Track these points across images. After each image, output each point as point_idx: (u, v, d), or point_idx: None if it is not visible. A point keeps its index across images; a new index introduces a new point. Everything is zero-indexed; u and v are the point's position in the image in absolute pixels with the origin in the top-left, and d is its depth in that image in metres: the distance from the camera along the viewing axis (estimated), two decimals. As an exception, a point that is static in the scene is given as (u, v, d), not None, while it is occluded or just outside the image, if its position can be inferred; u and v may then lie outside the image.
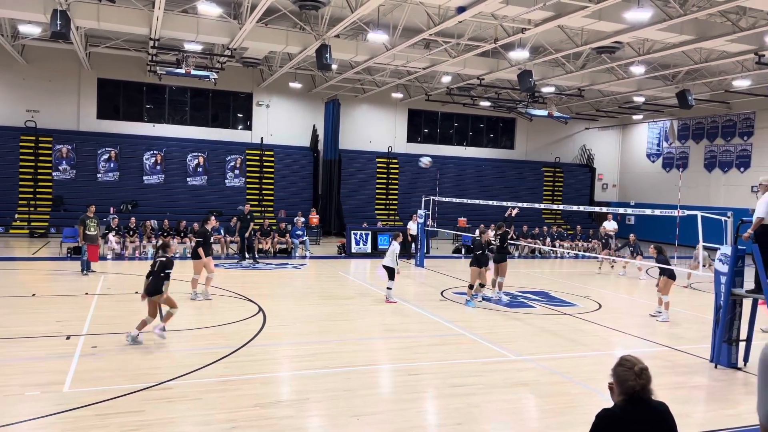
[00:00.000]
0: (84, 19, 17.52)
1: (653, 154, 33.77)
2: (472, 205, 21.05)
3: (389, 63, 21.81)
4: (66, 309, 11.28)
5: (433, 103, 30.19)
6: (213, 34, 18.87)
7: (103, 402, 6.47)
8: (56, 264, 16.87)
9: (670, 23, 15.17)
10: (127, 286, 13.95)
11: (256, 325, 10.27)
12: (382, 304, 12.92)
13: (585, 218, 31.96)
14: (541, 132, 34.52)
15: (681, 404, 7.07)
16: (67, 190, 24.75)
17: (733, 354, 8.85)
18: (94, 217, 15.44)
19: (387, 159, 30.38)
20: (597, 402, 6.57)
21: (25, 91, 25.23)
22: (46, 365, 7.77)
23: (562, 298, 14.32)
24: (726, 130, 29.52)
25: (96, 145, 25.49)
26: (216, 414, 6.33)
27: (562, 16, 15.21)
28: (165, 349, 8.89)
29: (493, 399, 7.19)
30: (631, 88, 25.46)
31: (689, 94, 22.96)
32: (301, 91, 28.72)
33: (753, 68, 20.24)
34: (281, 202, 27.46)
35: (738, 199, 27.62)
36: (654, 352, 9.68)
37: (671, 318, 12.28)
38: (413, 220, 21.02)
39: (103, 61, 25.45)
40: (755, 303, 9.05)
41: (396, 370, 8.42)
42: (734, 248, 8.79)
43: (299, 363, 8.49)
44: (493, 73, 22.55)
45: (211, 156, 27.20)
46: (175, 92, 27.82)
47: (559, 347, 9.82)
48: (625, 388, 3.20)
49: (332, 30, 17.36)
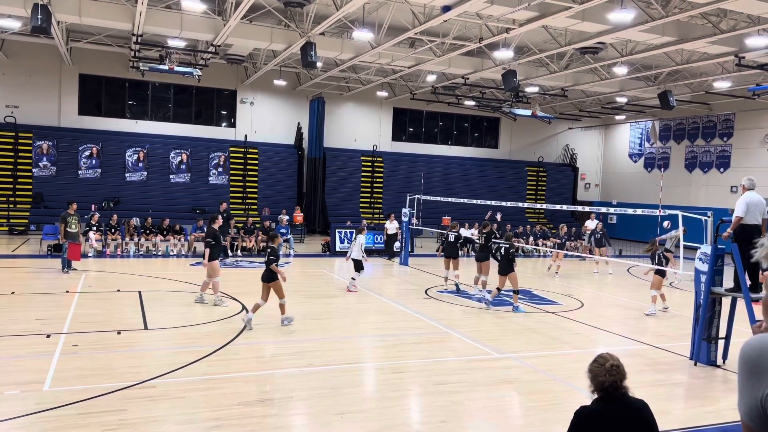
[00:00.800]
0: (65, 14, 17.28)
1: (635, 154, 34.13)
2: (456, 204, 21.15)
3: (374, 61, 21.81)
4: (46, 307, 11.14)
5: (418, 102, 30.24)
6: (197, 31, 18.72)
7: (84, 401, 6.41)
8: (36, 261, 16.65)
9: (652, 24, 15.34)
10: (108, 284, 13.82)
11: (239, 324, 10.22)
12: (367, 302, 12.92)
13: (568, 217, 32.23)
14: (524, 131, 34.73)
15: (661, 401, 7.16)
16: (48, 187, 24.42)
17: (713, 352, 8.99)
18: (75, 214, 15.27)
19: (372, 157, 30.38)
20: (579, 400, 6.64)
21: (5, 87, 24.83)
22: (26, 364, 7.67)
23: (545, 297, 14.43)
24: (706, 131, 29.92)
25: (77, 142, 25.17)
26: (199, 413, 6.29)
27: (546, 16, 15.32)
28: (147, 347, 8.82)
29: (476, 397, 7.23)
30: (614, 89, 25.71)
31: (671, 95, 23.24)
32: (286, 89, 28.61)
33: (733, 70, 20.54)
34: (265, 200, 27.32)
35: (718, 199, 28.01)
36: (635, 349, 9.79)
37: (654, 315, 12.45)
38: (390, 220, 21.21)
39: (84, 56, 25.13)
40: (734, 301, 9.19)
41: (380, 368, 8.43)
42: (714, 247, 8.92)
43: (283, 361, 8.47)
44: (478, 72, 22.64)
45: (194, 153, 26.99)
46: (158, 89, 27.55)
47: (542, 345, 9.89)
48: (597, 384, 3.27)
49: (317, 27, 17.31)
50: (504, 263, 12.54)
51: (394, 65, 22.66)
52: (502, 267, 12.64)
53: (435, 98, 28.84)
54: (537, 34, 18.53)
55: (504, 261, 12.56)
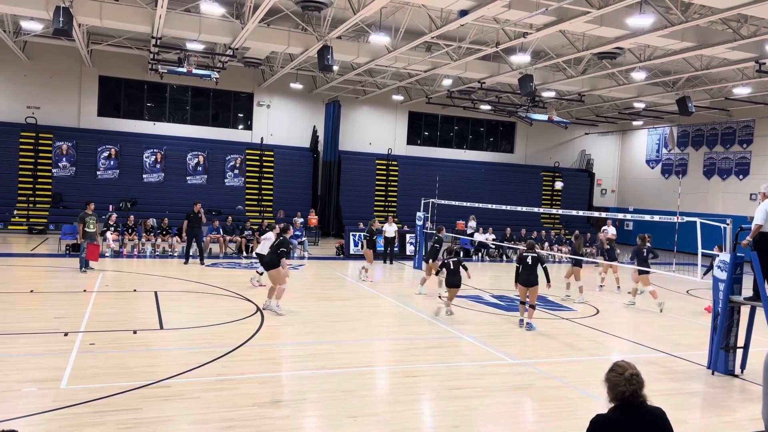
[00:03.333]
0: (86, 17, 17.52)
1: (652, 160, 33.82)
2: (471, 208, 21.07)
3: (390, 65, 21.84)
4: (64, 306, 11.27)
5: (433, 106, 30.23)
6: (215, 34, 18.89)
7: (101, 399, 6.47)
8: (55, 261, 16.86)
9: (671, 30, 15.21)
10: (125, 283, 13.95)
11: (254, 325, 10.27)
12: (380, 305, 12.92)
13: (583, 223, 32.00)
14: (540, 136, 34.56)
15: (677, 410, 7.08)
16: (67, 187, 24.74)
17: (731, 361, 8.87)
18: (93, 214, 15.44)
19: (387, 161, 30.40)
20: (593, 407, 6.57)
21: (26, 88, 25.23)
22: (44, 361, 7.76)
23: (559, 303, 14.33)
24: (725, 138, 29.57)
25: (96, 143, 25.48)
26: (213, 413, 6.33)
27: (564, 21, 15.25)
28: (163, 347, 8.89)
29: (490, 402, 7.20)
30: (632, 94, 25.50)
31: (689, 101, 23.01)
32: (302, 92, 28.74)
33: (753, 76, 20.30)
34: (280, 203, 27.46)
35: (737, 206, 27.65)
36: (651, 357, 9.69)
37: (667, 323, 12.31)
38: (389, 223, 20.90)
39: (104, 58, 25.45)
40: (753, 310, 9.06)
41: (393, 372, 8.42)
42: (733, 255, 8.81)
43: (297, 363, 8.49)
44: (494, 76, 22.59)
45: (211, 155, 27.20)
46: (176, 91, 27.82)
47: (556, 351, 9.82)
48: (616, 393, 3.23)
49: (334, 31, 17.38)
50: (528, 273, 11.09)
51: (410, 69, 22.68)
52: (524, 277, 11.15)
53: (451, 102, 28.82)
54: (554, 38, 18.46)
55: (528, 270, 11.10)
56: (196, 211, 17.55)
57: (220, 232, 20.24)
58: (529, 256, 11.11)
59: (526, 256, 11.15)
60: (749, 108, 26.79)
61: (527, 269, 11.09)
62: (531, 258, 11.07)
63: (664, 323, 12.73)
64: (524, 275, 11.11)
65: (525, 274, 11.10)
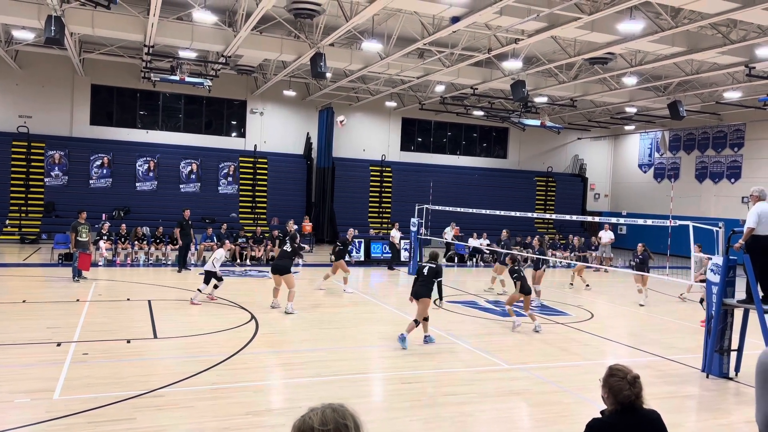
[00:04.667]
0: (78, 26, 17.49)
1: (645, 165, 33.98)
2: (465, 213, 21.11)
3: (383, 72, 21.89)
4: (57, 315, 11.20)
5: (426, 112, 30.29)
6: (208, 42, 18.89)
7: (94, 409, 6.42)
8: (47, 270, 16.76)
9: (661, 35, 15.32)
10: (118, 292, 13.88)
11: (248, 333, 10.23)
12: (375, 312, 12.90)
13: (577, 227, 32.10)
14: (533, 141, 34.68)
15: (672, 413, 7.09)
16: (59, 196, 24.61)
17: (725, 364, 8.90)
18: (86, 223, 15.37)
19: (380, 167, 30.43)
20: (589, 411, 6.58)
21: (18, 97, 25.12)
22: (36, 372, 7.71)
23: (554, 307, 14.35)
24: (717, 142, 29.76)
25: (89, 152, 25.38)
26: (207, 422, 6.29)
27: (555, 27, 15.34)
28: (156, 356, 8.84)
29: (486, 408, 7.19)
30: (623, 99, 25.65)
31: (680, 105, 23.15)
32: (295, 99, 28.76)
33: (743, 80, 20.45)
34: (274, 210, 27.41)
35: (729, 209, 27.81)
36: (645, 361, 9.70)
37: (662, 326, 12.34)
38: (396, 228, 21.30)
39: (97, 67, 25.39)
40: (746, 313, 9.10)
41: (389, 379, 8.40)
42: (725, 258, 8.85)
43: (291, 371, 8.46)
44: (487, 82, 22.68)
45: (204, 163, 27.14)
46: (169, 99, 27.77)
47: (551, 356, 9.83)
48: (620, 398, 3.19)
49: (327, 38, 17.42)
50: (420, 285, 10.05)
51: (403, 76, 22.73)
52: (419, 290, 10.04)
53: (444, 108, 28.88)
54: (546, 44, 18.55)
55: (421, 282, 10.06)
56: (186, 218, 17.79)
57: (214, 240, 20.17)
58: (426, 266, 10.06)
59: (423, 266, 10.13)
60: (740, 112, 26.98)
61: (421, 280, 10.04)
62: (427, 269, 10.01)
63: (659, 327, 12.77)
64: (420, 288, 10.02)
65: (420, 287, 10.01)
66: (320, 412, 1.94)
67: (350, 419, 1.94)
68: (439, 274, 9.93)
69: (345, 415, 1.94)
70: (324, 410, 1.94)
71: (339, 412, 1.94)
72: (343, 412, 1.95)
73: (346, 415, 1.94)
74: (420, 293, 9.92)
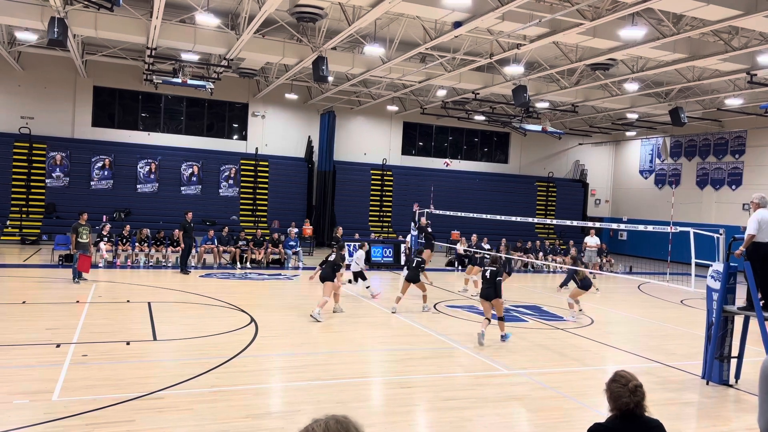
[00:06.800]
0: (81, 27, 17.53)
1: (646, 171, 33.99)
2: (465, 218, 21.11)
3: (385, 76, 21.92)
4: (56, 317, 11.19)
5: (428, 117, 30.31)
6: (210, 45, 18.92)
7: (93, 411, 6.41)
8: (47, 271, 16.76)
9: (663, 41, 15.34)
10: (118, 294, 13.87)
11: (248, 336, 10.22)
12: (375, 316, 12.89)
13: (577, 233, 32.06)
14: (534, 147, 34.70)
15: (672, 420, 7.07)
16: (60, 198, 24.63)
17: (725, 371, 8.88)
18: (87, 224, 15.38)
19: (381, 171, 30.43)
20: (589, 417, 6.56)
21: (20, 98, 25.16)
22: (36, 373, 7.70)
23: (554, 313, 14.34)
24: (718, 148, 29.77)
25: (90, 153, 25.41)
26: (207, 425, 6.28)
27: (557, 32, 15.36)
28: (156, 358, 8.83)
29: (485, 413, 7.18)
30: (625, 105, 25.67)
31: (682, 112, 23.17)
32: (297, 103, 28.79)
33: (745, 87, 20.47)
34: (275, 213, 27.41)
35: (730, 216, 27.79)
36: (645, 367, 9.69)
37: (662, 333, 12.32)
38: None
39: (99, 69, 25.44)
40: (747, 320, 9.09)
41: (388, 383, 8.39)
42: (726, 265, 8.84)
43: (291, 374, 8.45)
44: (488, 87, 22.70)
45: (205, 165, 27.16)
46: (171, 101, 27.82)
47: (551, 362, 9.81)
48: (619, 404, 3.19)
49: (329, 42, 17.45)
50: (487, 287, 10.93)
51: (405, 80, 22.77)
52: (410, 274, 13.31)
53: (445, 113, 28.92)
54: (548, 50, 18.58)
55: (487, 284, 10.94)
56: (189, 221, 17.80)
57: (215, 242, 20.18)
58: (488, 270, 10.97)
59: (485, 270, 11.15)
60: (741, 119, 26.99)
61: (486, 283, 10.90)
62: (490, 272, 10.90)
63: (659, 333, 12.75)
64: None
65: (484, 287, 10.94)
66: (324, 423, 1.92)
67: (354, 431, 1.93)
68: (500, 274, 11.10)
69: (348, 426, 1.93)
70: (327, 421, 1.93)
71: (342, 424, 1.93)
72: (346, 424, 1.93)
73: (350, 427, 1.93)
74: (489, 295, 10.85)
